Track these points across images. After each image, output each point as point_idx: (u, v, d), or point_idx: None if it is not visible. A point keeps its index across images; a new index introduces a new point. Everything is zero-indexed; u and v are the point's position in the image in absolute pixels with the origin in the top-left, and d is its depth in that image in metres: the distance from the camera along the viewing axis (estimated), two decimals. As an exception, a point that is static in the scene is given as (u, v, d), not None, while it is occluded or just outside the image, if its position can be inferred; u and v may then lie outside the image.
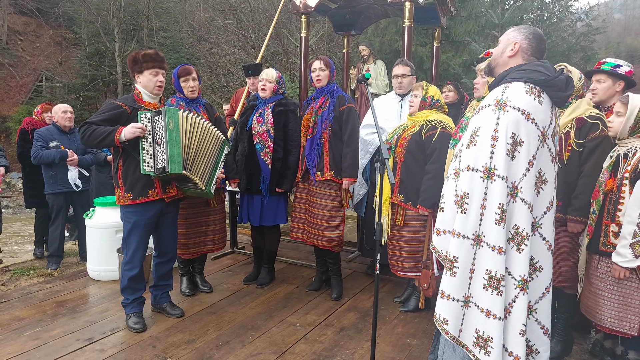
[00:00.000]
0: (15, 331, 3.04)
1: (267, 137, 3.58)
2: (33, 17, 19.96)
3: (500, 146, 1.90)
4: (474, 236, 1.97)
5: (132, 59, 2.96)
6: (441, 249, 2.11)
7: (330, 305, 3.54)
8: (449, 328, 2.05)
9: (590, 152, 2.65)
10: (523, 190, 1.93)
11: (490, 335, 1.95)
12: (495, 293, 1.93)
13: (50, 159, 4.33)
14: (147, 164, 2.85)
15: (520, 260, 1.95)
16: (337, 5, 4.98)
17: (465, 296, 2.02)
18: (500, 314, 1.93)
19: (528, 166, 1.93)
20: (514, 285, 1.95)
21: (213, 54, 15.40)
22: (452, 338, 2.06)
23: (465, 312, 2.03)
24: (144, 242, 3.06)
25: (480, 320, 1.98)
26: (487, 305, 1.95)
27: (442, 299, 2.06)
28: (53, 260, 4.54)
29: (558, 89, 1.97)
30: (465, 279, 2.00)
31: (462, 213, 1.98)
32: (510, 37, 2.09)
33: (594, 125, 2.64)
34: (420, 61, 9.10)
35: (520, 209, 1.94)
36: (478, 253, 1.97)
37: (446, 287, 2.05)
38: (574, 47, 10.00)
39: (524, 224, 1.94)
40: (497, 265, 1.93)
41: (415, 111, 3.30)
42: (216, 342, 2.94)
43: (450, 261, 2.02)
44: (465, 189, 1.97)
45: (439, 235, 2.13)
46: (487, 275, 1.95)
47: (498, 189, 1.90)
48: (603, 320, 2.49)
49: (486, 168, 1.92)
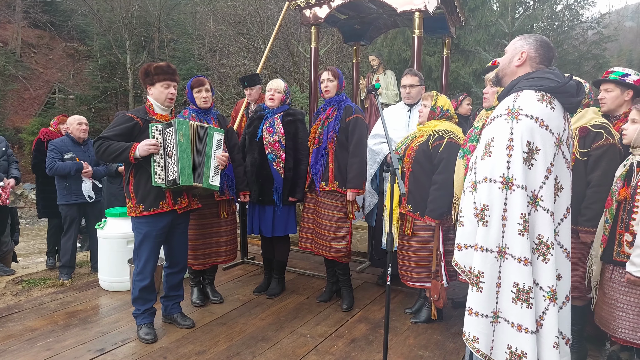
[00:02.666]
0: (28, 342, 3.06)
1: (279, 146, 3.60)
2: (46, 30, 20.34)
3: (517, 155, 1.87)
4: (497, 249, 1.93)
5: (144, 71, 3.00)
6: (464, 264, 2.06)
7: (341, 316, 3.52)
8: (479, 346, 1.99)
9: (596, 161, 2.62)
10: (544, 199, 1.90)
11: (524, 350, 1.89)
12: (525, 306, 1.88)
13: (66, 170, 4.38)
14: (159, 176, 2.87)
15: (547, 270, 1.90)
16: (347, 16, 5.01)
17: (494, 312, 1.97)
18: (532, 328, 1.88)
19: (547, 173, 1.90)
20: (543, 296, 1.91)
21: (223, 65, 15.54)
22: (484, 357, 1.99)
23: (495, 328, 1.98)
24: (155, 252, 3.07)
25: (512, 335, 1.93)
26: (518, 320, 1.90)
27: (470, 316, 2.01)
28: (65, 270, 4.57)
29: (569, 94, 1.96)
30: (492, 293, 1.95)
31: (483, 226, 1.94)
32: (517, 46, 2.08)
33: (598, 134, 2.61)
34: (429, 70, 9.11)
35: (543, 218, 1.91)
36: (503, 266, 1.93)
37: (473, 303, 1.99)
38: (585, 55, 9.94)
39: (548, 232, 1.91)
40: (524, 277, 1.88)
41: (424, 121, 3.29)
42: (227, 353, 2.93)
43: (476, 276, 1.97)
44: (484, 201, 1.94)
45: (461, 250, 2.07)
46: (515, 288, 1.90)
47: (518, 198, 1.87)
48: (618, 332, 2.44)
49: (504, 178, 1.89)
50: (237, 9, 14.93)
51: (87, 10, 19.62)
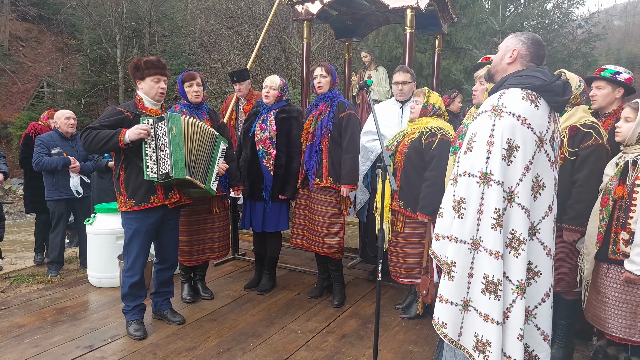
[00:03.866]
0: (15, 338, 3.03)
1: (270, 143, 3.59)
2: (35, 23, 20.04)
3: (496, 151, 1.91)
4: (471, 241, 1.99)
5: (134, 65, 2.97)
6: (440, 253, 2.14)
7: (332, 312, 3.53)
8: (447, 332, 2.07)
9: (583, 160, 2.62)
10: (520, 195, 1.94)
11: (489, 339, 1.96)
12: (493, 297, 1.95)
13: (53, 166, 4.33)
14: (151, 169, 2.85)
15: (517, 264, 1.96)
16: (339, 12, 5.00)
17: (464, 300, 2.04)
18: (498, 319, 1.94)
19: (524, 171, 1.94)
20: (511, 289, 1.96)
21: (214, 60, 15.46)
22: (451, 341, 2.08)
23: (464, 316, 2.05)
24: (145, 248, 3.05)
25: (479, 324, 2.00)
26: (486, 310, 1.97)
27: (440, 303, 2.09)
28: (53, 267, 4.52)
29: (555, 93, 1.98)
30: (463, 283, 2.02)
31: (459, 218, 2.01)
32: (509, 44, 2.11)
33: (587, 134, 2.62)
34: (420, 67, 9.13)
35: (517, 214, 1.95)
36: (476, 257, 1.99)
37: (444, 291, 2.07)
38: (574, 53, 10.04)
39: (521, 228, 1.95)
40: (494, 270, 1.94)
41: (416, 117, 3.30)
42: (217, 350, 2.93)
43: (449, 265, 2.04)
44: (462, 194, 1.99)
45: (438, 240, 2.16)
46: (485, 280, 1.97)
47: (494, 193, 1.92)
48: (612, 329, 2.45)
49: (482, 173, 1.94)
50: (228, 4, 14.84)
51: (77, 4, 19.37)
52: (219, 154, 3.20)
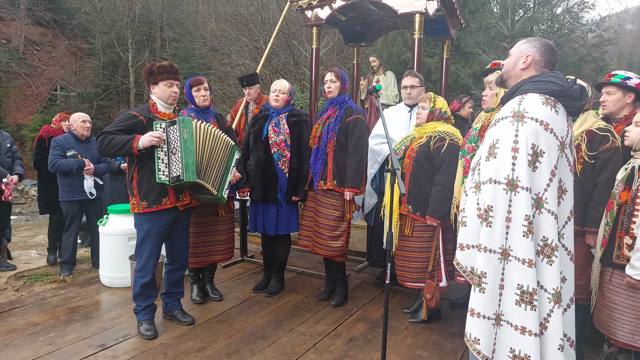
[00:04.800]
0: (30, 336, 3.09)
1: (285, 146, 3.63)
2: (49, 28, 20.35)
3: (522, 157, 1.88)
4: (500, 250, 1.93)
5: (147, 70, 3.03)
6: (466, 264, 2.06)
7: (340, 315, 3.55)
8: (480, 348, 1.98)
9: (604, 163, 2.65)
10: (548, 201, 1.91)
11: (527, 353, 1.88)
12: (529, 308, 1.88)
13: (69, 168, 4.42)
14: (162, 172, 2.90)
15: (551, 272, 1.91)
16: (348, 18, 5.05)
17: (496, 314, 1.96)
18: (535, 330, 1.87)
19: (551, 176, 1.92)
20: (547, 299, 1.91)
21: (224, 65, 15.59)
22: (484, 359, 1.99)
23: (497, 331, 1.97)
24: (157, 249, 3.10)
25: (515, 338, 1.92)
26: (521, 322, 1.90)
27: (472, 317, 2.00)
28: (66, 266, 4.61)
29: (573, 98, 1.98)
30: (495, 295, 1.95)
31: (487, 227, 1.95)
32: (522, 49, 2.09)
33: (605, 137, 2.65)
34: (429, 72, 9.14)
35: (547, 220, 1.91)
36: (506, 267, 1.93)
37: (475, 304, 1.99)
38: (585, 58, 9.96)
39: (552, 235, 1.91)
40: (528, 279, 1.88)
41: (423, 122, 3.32)
42: (226, 350, 2.96)
43: (478, 277, 1.97)
44: (488, 202, 1.94)
45: (463, 250, 2.08)
46: (519, 290, 1.89)
47: (523, 200, 1.88)
48: (617, 334, 2.46)
49: (509, 180, 1.90)
50: (239, 9, 14.99)
51: (90, 9, 19.65)
52: (233, 163, 3.25)
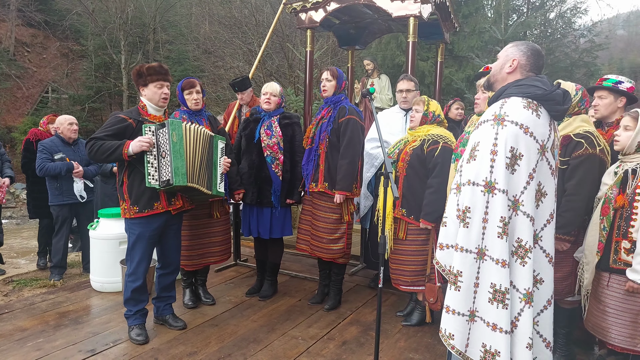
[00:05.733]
0: (18, 342, 3.04)
1: (278, 149, 3.61)
2: (40, 29, 20.19)
3: (500, 160, 1.93)
4: (477, 250, 1.99)
5: (136, 72, 3.00)
6: (445, 263, 2.13)
7: (333, 319, 3.53)
8: (454, 343, 2.05)
9: (572, 169, 2.64)
10: (525, 203, 1.95)
11: (498, 349, 1.95)
12: (501, 307, 1.95)
13: (57, 171, 4.36)
14: (152, 177, 2.87)
15: (524, 273, 1.96)
16: (342, 21, 5.04)
17: (471, 310, 2.03)
18: (506, 328, 1.94)
19: (528, 179, 1.95)
20: (519, 298, 1.97)
21: (218, 67, 15.54)
22: (458, 353, 2.06)
23: (471, 327, 2.04)
24: (148, 253, 3.07)
25: (487, 334, 1.99)
26: (494, 319, 1.97)
27: (447, 314, 2.07)
28: (56, 271, 4.55)
29: (555, 102, 2.00)
30: (469, 293, 2.02)
31: (464, 227, 2.01)
32: (509, 53, 2.13)
33: (579, 144, 2.63)
34: (422, 76, 9.16)
35: (523, 222, 1.96)
36: (482, 267, 1.99)
37: (451, 301, 2.06)
38: (577, 62, 10.04)
39: (527, 237, 1.96)
40: (501, 279, 1.94)
41: (416, 126, 3.32)
42: (218, 355, 2.93)
43: (454, 275, 2.04)
44: (466, 203, 2.00)
45: (442, 249, 2.15)
46: (492, 289, 1.96)
47: (499, 202, 1.93)
48: (614, 339, 2.45)
49: (487, 182, 1.95)
50: (232, 11, 14.95)
51: (82, 10, 19.53)
52: (219, 154, 3.19)
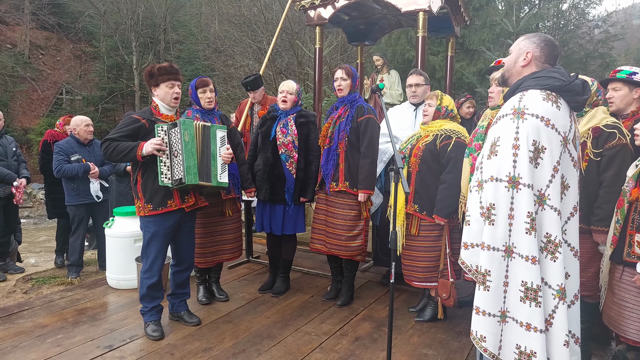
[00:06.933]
0: (38, 338, 3.11)
1: (292, 147, 3.63)
2: (54, 32, 20.49)
3: (523, 154, 1.88)
4: (504, 247, 1.93)
5: (148, 73, 3.04)
6: (470, 263, 2.08)
7: (346, 315, 3.55)
8: (487, 345, 1.99)
9: (609, 161, 2.61)
10: (551, 197, 1.90)
11: (533, 349, 1.89)
12: (534, 305, 1.88)
13: (74, 172, 4.43)
14: (165, 175, 2.92)
15: (555, 268, 1.91)
16: (351, 17, 5.04)
17: (502, 310, 1.97)
18: (541, 327, 1.88)
19: (553, 172, 1.91)
20: (552, 295, 1.91)
21: (228, 66, 15.62)
22: (491, 356, 1.99)
23: (503, 328, 1.98)
24: (163, 251, 3.11)
25: (520, 334, 1.92)
26: (526, 319, 1.91)
27: (477, 315, 2.01)
28: (73, 269, 4.64)
29: (575, 93, 1.96)
30: (499, 292, 1.96)
31: (489, 225, 1.95)
32: (522, 46, 2.08)
33: (611, 134, 2.61)
34: (433, 70, 9.09)
35: (550, 217, 1.91)
36: (510, 265, 1.93)
37: (480, 302, 2.00)
38: (591, 54, 9.86)
39: (555, 231, 1.91)
40: (532, 276, 1.88)
41: (429, 120, 3.30)
42: (232, 351, 2.97)
43: (483, 275, 1.97)
44: (490, 200, 1.94)
45: (467, 249, 2.09)
46: (523, 287, 1.90)
47: (525, 197, 1.88)
48: (627, 332, 2.43)
49: (510, 177, 1.90)
50: (242, 10, 15.01)
51: (94, 12, 19.77)
52: (218, 144, 3.14)
